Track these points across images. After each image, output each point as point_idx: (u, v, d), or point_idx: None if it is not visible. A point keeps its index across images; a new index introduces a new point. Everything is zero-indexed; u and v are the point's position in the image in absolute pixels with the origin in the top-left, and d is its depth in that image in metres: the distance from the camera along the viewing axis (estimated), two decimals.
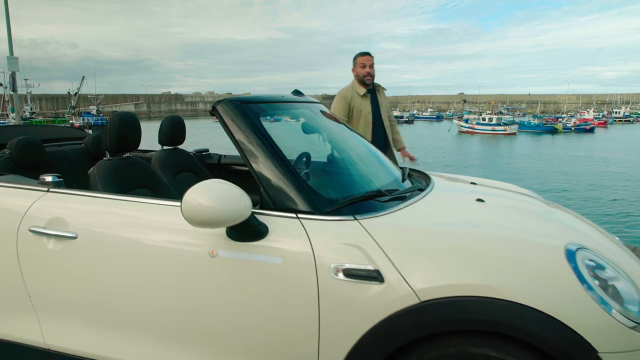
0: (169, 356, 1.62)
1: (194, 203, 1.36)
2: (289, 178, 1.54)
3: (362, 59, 3.43)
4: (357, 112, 3.41)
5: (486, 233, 1.48)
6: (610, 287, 1.36)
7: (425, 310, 1.32)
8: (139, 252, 1.61)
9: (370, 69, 3.41)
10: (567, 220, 1.84)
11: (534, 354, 1.29)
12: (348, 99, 3.42)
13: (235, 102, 1.69)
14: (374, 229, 1.44)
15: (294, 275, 1.43)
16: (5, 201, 1.85)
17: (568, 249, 1.38)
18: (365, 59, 3.42)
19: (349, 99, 3.41)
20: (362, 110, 3.40)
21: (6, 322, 1.88)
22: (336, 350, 1.42)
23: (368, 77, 3.42)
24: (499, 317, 1.28)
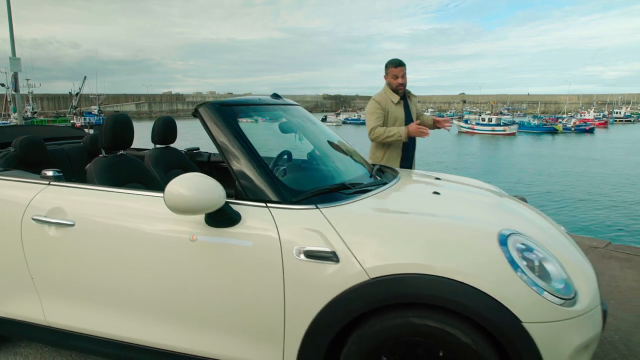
0: (155, 329, 1.83)
1: (175, 193, 1.57)
2: (260, 172, 1.75)
3: (395, 71, 3.43)
4: (392, 119, 3.46)
5: (431, 220, 1.69)
6: (537, 267, 1.56)
7: (374, 286, 1.52)
8: (129, 238, 1.82)
9: (402, 79, 3.44)
10: (514, 210, 2.05)
11: (466, 323, 1.49)
12: (383, 105, 3.47)
13: (215, 105, 1.90)
14: (332, 217, 1.64)
15: (262, 257, 1.64)
16: (10, 193, 2.07)
17: (501, 233, 1.59)
18: (398, 70, 3.42)
19: (383, 105, 3.46)
20: (397, 118, 3.46)
21: (11, 302, 2.09)
22: (299, 323, 1.63)
23: (401, 86, 3.47)
24: (437, 292, 1.49)
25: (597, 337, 1.62)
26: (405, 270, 1.51)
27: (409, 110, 3.60)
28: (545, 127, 59.12)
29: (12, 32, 16.46)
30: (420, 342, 1.53)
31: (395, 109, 3.48)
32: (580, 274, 1.68)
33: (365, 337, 1.58)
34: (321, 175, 2.19)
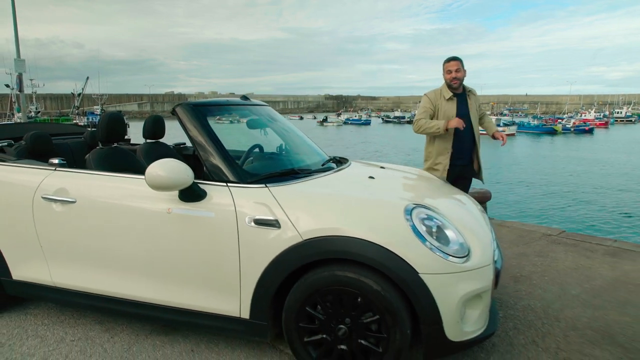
0: (139, 286, 2.28)
1: (154, 174, 2.01)
2: (222, 159, 2.20)
3: (448, 65, 3.48)
4: (441, 115, 3.47)
5: (354, 196, 2.14)
6: (435, 232, 2.00)
7: (306, 245, 1.97)
8: (119, 211, 2.27)
9: (456, 74, 3.44)
10: (434, 191, 2.50)
11: (379, 274, 1.93)
12: (433, 100, 3.50)
13: (189, 105, 2.35)
14: (277, 193, 2.09)
15: (222, 224, 2.08)
16: (23, 177, 2.52)
17: (407, 206, 2.03)
18: (450, 64, 3.46)
19: (434, 100, 3.50)
20: (447, 114, 3.44)
21: (24, 267, 2.54)
22: (251, 276, 2.07)
23: (455, 80, 3.45)
24: (355, 249, 1.93)
25: (488, 289, 2.05)
26: (330, 233, 1.95)
27: (464, 108, 3.52)
28: (544, 128, 59.31)
29: (17, 34, 16.94)
30: (343, 290, 1.97)
31: (446, 105, 3.48)
32: (476, 239, 2.11)
33: (302, 288, 2.02)
34: (277, 162, 2.65)
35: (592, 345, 2.50)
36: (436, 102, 3.51)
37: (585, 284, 3.38)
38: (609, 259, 3.97)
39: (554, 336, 2.58)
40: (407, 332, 1.93)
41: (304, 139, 3.07)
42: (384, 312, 1.93)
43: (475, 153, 3.64)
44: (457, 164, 3.57)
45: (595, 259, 3.97)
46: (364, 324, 1.98)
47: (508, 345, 2.48)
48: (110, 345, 2.44)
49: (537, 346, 2.48)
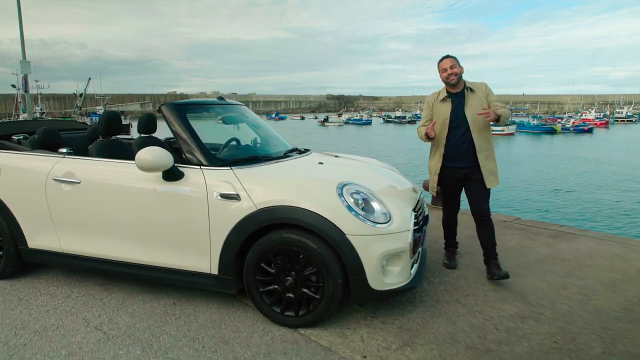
0: (130, 249, 2.83)
1: (142, 158, 2.56)
2: (197, 148, 2.75)
3: (442, 64, 3.33)
4: (437, 118, 3.35)
5: (303, 175, 2.71)
6: (361, 203, 2.54)
7: (259, 213, 2.51)
8: (115, 190, 2.82)
9: (451, 70, 3.26)
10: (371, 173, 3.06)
11: (316, 236, 2.47)
12: (431, 105, 3.43)
13: (172, 105, 2.90)
14: (239, 174, 2.63)
15: (196, 198, 2.63)
16: (38, 164, 3.07)
17: (339, 183, 2.57)
18: (444, 62, 3.31)
19: (431, 105, 3.43)
20: (440, 116, 3.33)
21: (38, 237, 3.09)
22: (218, 239, 2.61)
23: (452, 77, 3.26)
24: (297, 216, 2.46)
25: (405, 250, 2.58)
26: (278, 204, 2.49)
27: (459, 108, 3.30)
28: (544, 127, 59.61)
29: (23, 37, 17.55)
30: (289, 249, 2.52)
31: (439, 107, 3.37)
32: (398, 211, 2.64)
33: (258, 248, 2.57)
34: (245, 151, 3.20)
35: (504, 302, 3.03)
36: (432, 105, 3.43)
37: (520, 259, 3.92)
38: (550, 240, 4.50)
39: (475, 296, 3.12)
40: (338, 281, 2.47)
41: (272, 133, 3.63)
42: (320, 266, 2.47)
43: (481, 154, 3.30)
44: (458, 166, 3.36)
45: (537, 240, 4.50)
46: (305, 275, 2.53)
47: (434, 302, 3.02)
48: (107, 299, 3.00)
49: (459, 302, 3.01)
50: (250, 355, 2.34)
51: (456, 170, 3.39)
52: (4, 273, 3.28)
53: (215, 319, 2.73)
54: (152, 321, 2.70)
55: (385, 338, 2.52)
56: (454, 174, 3.41)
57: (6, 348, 2.40)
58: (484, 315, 2.83)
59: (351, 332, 2.58)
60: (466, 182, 3.42)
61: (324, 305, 2.52)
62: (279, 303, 2.62)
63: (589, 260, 3.90)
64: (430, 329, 2.63)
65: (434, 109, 3.40)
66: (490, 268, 3.37)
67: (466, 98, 3.33)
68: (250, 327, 2.63)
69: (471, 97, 3.33)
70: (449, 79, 3.30)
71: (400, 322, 2.71)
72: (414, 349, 2.41)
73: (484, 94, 3.36)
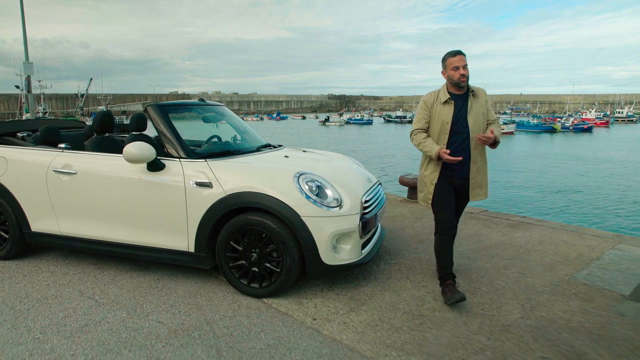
0: (120, 231, 3.26)
1: (128, 151, 2.99)
2: (176, 143, 3.17)
3: (454, 60, 2.96)
4: (437, 122, 3.03)
5: (267, 166, 3.12)
6: (315, 190, 2.96)
7: (228, 198, 2.93)
8: (106, 179, 3.25)
9: (464, 70, 2.96)
10: (330, 165, 3.48)
11: (275, 217, 2.89)
12: (429, 105, 3.08)
13: (157, 105, 3.33)
14: (212, 165, 3.06)
15: (175, 186, 3.06)
16: (40, 158, 3.51)
17: (296, 173, 2.99)
18: (458, 59, 2.96)
19: (430, 105, 3.08)
20: (441, 119, 3.01)
21: (40, 222, 3.53)
22: (194, 221, 3.04)
23: (463, 78, 2.96)
24: (260, 200, 2.89)
25: (354, 230, 2.99)
26: (244, 190, 2.92)
27: (462, 112, 3.02)
28: (544, 126, 59.88)
29: (26, 38, 18.02)
30: (253, 229, 2.94)
31: (441, 110, 3.03)
32: (349, 197, 3.05)
33: (228, 228, 2.99)
34: (221, 146, 3.63)
35: None
36: (432, 105, 3.08)
37: (474, 245, 4.33)
38: (507, 229, 4.91)
39: (424, 274, 3.53)
40: (295, 256, 2.89)
41: (249, 130, 4.07)
42: (280, 243, 2.89)
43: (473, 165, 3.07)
44: (455, 175, 3.09)
45: (495, 228, 4.91)
46: (267, 252, 2.95)
47: (386, 278, 3.43)
48: (100, 275, 3.43)
49: (407, 279, 3.43)
50: (218, 317, 2.77)
51: (453, 179, 3.10)
52: (10, 254, 3.72)
53: (192, 291, 3.16)
54: (137, 292, 3.13)
55: (335, 306, 2.95)
56: (453, 182, 3.11)
57: (13, 312, 2.84)
58: (427, 289, 3.25)
59: (307, 301, 3.01)
60: (459, 195, 3.17)
61: (283, 278, 2.94)
62: (245, 276, 3.04)
63: (538, 246, 4.31)
64: (377, 299, 3.05)
65: (434, 110, 3.06)
66: (445, 291, 2.99)
67: (469, 103, 3.05)
68: (221, 297, 3.06)
69: (474, 103, 3.06)
70: (460, 80, 2.97)
71: (351, 294, 3.13)
72: (358, 314, 2.84)
73: (484, 100, 3.13)
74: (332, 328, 2.65)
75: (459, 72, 2.96)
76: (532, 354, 2.41)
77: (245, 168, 3.10)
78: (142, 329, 2.62)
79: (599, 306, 3.02)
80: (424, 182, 3.21)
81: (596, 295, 3.19)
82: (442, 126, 3.04)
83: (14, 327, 2.65)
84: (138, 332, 2.59)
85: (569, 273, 3.60)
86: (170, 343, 2.47)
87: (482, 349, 2.45)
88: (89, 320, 2.73)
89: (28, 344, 2.45)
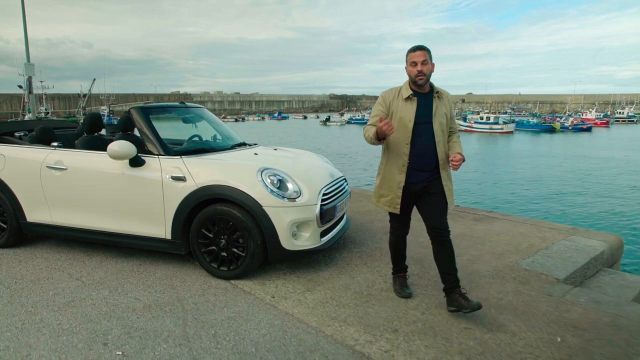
0: (105, 221, 3.64)
1: (112, 149, 3.37)
2: (155, 141, 3.55)
3: (412, 56, 2.80)
4: (395, 117, 2.84)
5: (234, 162, 3.50)
6: (276, 183, 3.32)
7: (199, 190, 3.31)
8: (94, 174, 3.63)
9: (422, 66, 2.76)
10: (295, 160, 3.85)
11: (241, 208, 3.26)
12: (388, 101, 2.88)
13: (140, 108, 3.71)
14: (187, 161, 3.44)
15: (154, 180, 3.43)
16: (34, 155, 3.89)
17: (260, 168, 3.36)
18: (416, 55, 2.78)
19: (389, 101, 2.87)
20: (402, 117, 2.81)
21: (34, 213, 3.91)
22: (170, 211, 3.41)
23: (420, 75, 2.77)
24: (228, 193, 3.26)
25: (312, 219, 3.36)
26: (214, 183, 3.29)
27: (427, 112, 2.84)
28: (543, 126, 60.04)
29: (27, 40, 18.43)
30: (222, 218, 3.31)
31: (403, 106, 2.83)
32: (307, 189, 3.42)
33: (200, 218, 3.36)
34: (197, 144, 4.02)
35: None
36: (391, 101, 2.87)
37: None
38: (471, 222, 5.26)
39: (380, 261, 3.89)
40: (258, 242, 3.26)
41: (226, 129, 4.46)
42: (245, 231, 3.26)
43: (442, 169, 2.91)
44: (416, 181, 2.89)
45: (459, 222, 5.26)
46: (234, 238, 3.32)
47: (346, 264, 3.80)
48: (88, 261, 3.81)
49: (365, 265, 3.79)
50: (189, 295, 3.14)
51: (414, 184, 2.91)
52: (7, 243, 4.11)
53: (169, 274, 3.53)
54: (120, 275, 3.51)
55: (294, 286, 3.32)
56: (413, 188, 2.93)
57: (9, 290, 3.22)
58: (380, 273, 3.61)
59: (270, 282, 3.38)
60: (423, 197, 2.95)
61: (248, 261, 3.31)
62: (215, 260, 3.42)
63: (495, 237, 4.67)
64: (333, 282, 3.42)
65: (393, 107, 2.87)
66: (454, 299, 2.83)
67: (434, 104, 2.87)
68: (194, 279, 3.43)
69: (439, 105, 2.89)
70: (417, 78, 2.80)
71: (311, 277, 3.50)
72: (312, 293, 3.20)
73: (449, 105, 2.97)
74: (287, 304, 3.02)
75: (416, 68, 2.78)
76: (457, 325, 2.78)
77: (216, 164, 3.48)
78: (121, 304, 3.00)
79: (531, 288, 3.37)
80: (389, 185, 2.95)
81: (533, 279, 3.55)
82: (403, 125, 2.81)
83: (9, 302, 3.03)
84: (117, 306, 2.97)
85: (515, 260, 3.96)
86: (143, 315, 2.85)
87: (415, 321, 2.82)
88: (75, 297, 3.11)
89: (21, 316, 2.83)
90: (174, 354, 2.41)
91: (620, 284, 4.08)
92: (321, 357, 2.40)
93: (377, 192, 3.08)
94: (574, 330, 2.76)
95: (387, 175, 2.98)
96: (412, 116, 2.83)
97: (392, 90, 2.94)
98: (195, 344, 2.51)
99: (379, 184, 3.05)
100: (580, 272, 3.94)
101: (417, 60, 2.79)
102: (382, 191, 3.02)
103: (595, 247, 4.41)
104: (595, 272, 4.24)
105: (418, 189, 2.94)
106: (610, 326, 2.82)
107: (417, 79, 2.81)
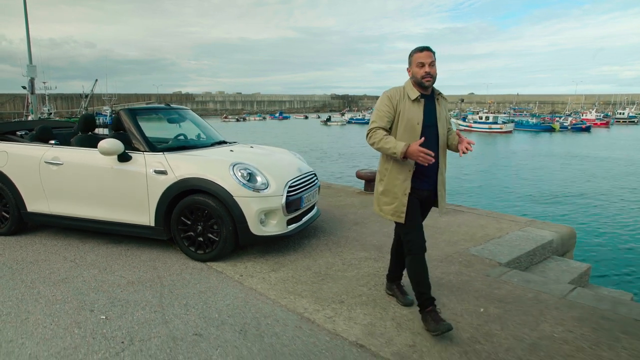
0: (97, 210, 4.09)
1: (102, 146, 3.82)
2: (141, 139, 4.00)
3: (420, 56, 2.72)
4: (402, 119, 2.73)
5: (210, 158, 3.95)
6: (247, 176, 3.76)
7: (179, 182, 3.76)
8: (86, 168, 4.09)
9: (430, 69, 2.70)
10: (267, 156, 4.30)
11: (215, 198, 3.70)
12: (395, 101, 2.75)
13: (127, 110, 4.16)
14: (168, 157, 3.88)
15: (138, 173, 3.88)
16: (34, 152, 4.35)
17: (232, 162, 3.80)
18: (424, 55, 2.71)
19: (395, 102, 2.75)
20: (410, 119, 2.72)
21: (34, 203, 4.37)
22: (154, 201, 3.86)
23: (427, 77, 2.70)
24: (203, 185, 3.70)
25: (278, 208, 3.80)
26: (191, 176, 3.73)
27: (432, 114, 2.79)
28: (542, 126, 60.28)
29: (29, 41, 18.92)
30: (198, 207, 3.76)
31: (410, 108, 2.74)
32: (275, 181, 3.86)
33: (179, 207, 3.81)
34: (180, 142, 4.47)
35: (363, 251, 4.24)
36: (398, 102, 2.76)
37: None
38: (437, 215, 5.67)
39: (345, 247, 4.33)
40: (229, 228, 3.70)
41: (208, 129, 4.91)
42: (218, 218, 3.71)
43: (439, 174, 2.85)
44: (422, 187, 2.81)
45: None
46: (209, 225, 3.77)
47: (312, 250, 4.23)
48: (82, 246, 4.27)
49: (329, 251, 4.23)
50: (168, 274, 3.59)
51: (420, 191, 2.83)
52: (10, 231, 4.56)
53: (152, 257, 3.98)
54: (109, 258, 3.96)
55: (261, 267, 3.76)
56: (420, 195, 2.83)
57: (10, 270, 3.67)
58: (341, 257, 4.05)
59: (240, 264, 3.82)
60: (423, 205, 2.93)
61: (221, 245, 3.76)
62: (193, 244, 3.86)
63: (455, 228, 5.09)
64: (296, 263, 3.86)
65: (400, 107, 2.75)
66: (427, 319, 2.71)
67: (438, 107, 2.82)
68: (174, 261, 3.88)
69: (441, 105, 2.86)
70: (424, 80, 2.71)
71: (278, 260, 3.94)
72: (277, 272, 3.64)
73: (447, 107, 2.97)
74: (252, 281, 3.46)
75: (423, 69, 2.70)
76: (395, 301, 3.21)
77: (193, 159, 3.93)
78: (108, 281, 3.45)
79: (473, 270, 3.80)
80: (393, 192, 2.79)
81: (477, 263, 3.97)
82: (411, 127, 2.71)
83: (11, 279, 3.48)
84: (104, 282, 3.42)
85: (466, 247, 4.38)
86: (127, 289, 3.29)
87: (360, 295, 3.25)
88: (68, 275, 3.56)
89: (21, 289, 3.29)
90: (149, 319, 2.85)
91: (563, 269, 4.51)
92: (273, 321, 2.84)
93: (380, 200, 2.88)
94: (499, 303, 3.19)
95: (391, 182, 2.80)
96: (420, 119, 2.74)
97: (397, 90, 2.81)
98: (168, 311, 2.95)
99: (382, 191, 2.85)
100: (525, 258, 4.36)
101: (425, 62, 2.71)
102: (386, 199, 2.84)
103: (545, 236, 4.83)
104: (543, 259, 4.67)
105: (424, 195, 2.85)
106: (531, 300, 3.25)
107: (424, 80, 2.72)
